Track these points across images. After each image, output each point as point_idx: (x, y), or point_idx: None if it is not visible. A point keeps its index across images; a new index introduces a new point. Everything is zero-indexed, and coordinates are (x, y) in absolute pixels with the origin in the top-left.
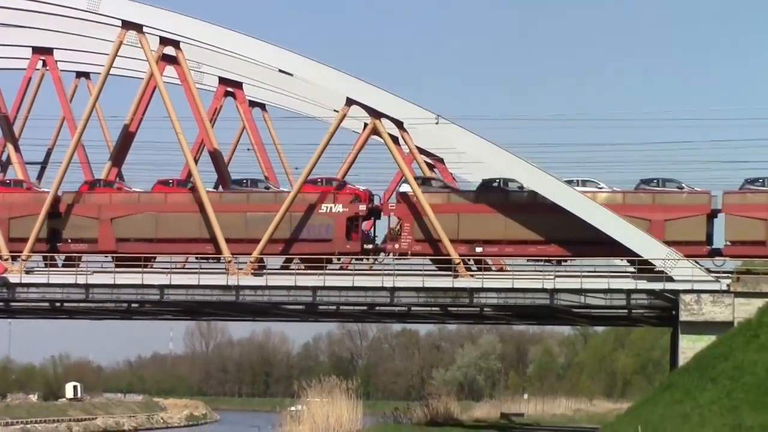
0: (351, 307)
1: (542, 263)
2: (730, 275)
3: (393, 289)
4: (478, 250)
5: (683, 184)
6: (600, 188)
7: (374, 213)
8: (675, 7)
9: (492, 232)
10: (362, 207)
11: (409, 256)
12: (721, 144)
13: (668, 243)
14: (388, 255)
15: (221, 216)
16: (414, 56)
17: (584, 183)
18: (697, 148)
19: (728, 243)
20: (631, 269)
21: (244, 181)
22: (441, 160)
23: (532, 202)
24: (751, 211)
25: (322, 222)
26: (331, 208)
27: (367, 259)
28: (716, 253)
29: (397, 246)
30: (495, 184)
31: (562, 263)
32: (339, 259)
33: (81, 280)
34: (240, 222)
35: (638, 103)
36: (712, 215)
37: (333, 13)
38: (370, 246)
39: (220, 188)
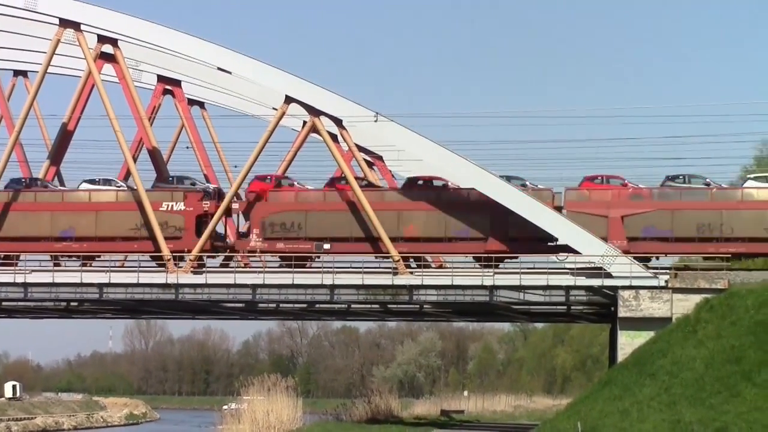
0: (291, 305)
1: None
2: (668, 271)
3: (332, 287)
4: None
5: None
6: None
7: None
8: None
9: None
10: None
11: None
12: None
13: None
14: None
15: None
16: (355, 54)
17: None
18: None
19: None
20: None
21: None
22: (380, 158)
23: None
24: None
25: None
26: None
27: None
28: None
29: None
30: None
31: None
32: None
33: (19, 278)
34: None
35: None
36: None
37: (271, 10)
38: None
39: None
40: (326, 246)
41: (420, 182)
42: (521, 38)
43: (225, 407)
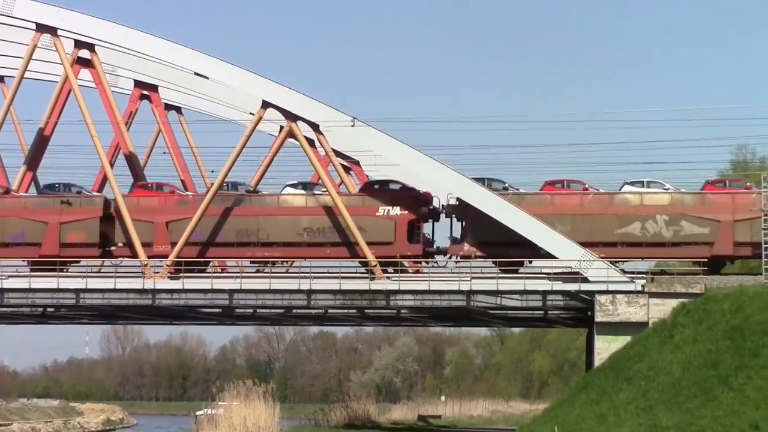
0: (268, 310)
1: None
2: (644, 276)
3: (310, 292)
4: None
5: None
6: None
7: None
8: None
9: None
10: None
11: None
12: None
13: None
14: None
15: None
16: (337, 58)
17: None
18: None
19: None
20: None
21: None
22: (357, 163)
23: None
24: None
25: None
26: None
27: None
28: None
29: None
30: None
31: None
32: None
33: None
34: None
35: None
36: None
37: (249, 14)
38: None
39: None
40: None
41: None
42: (506, 42)
43: (199, 413)
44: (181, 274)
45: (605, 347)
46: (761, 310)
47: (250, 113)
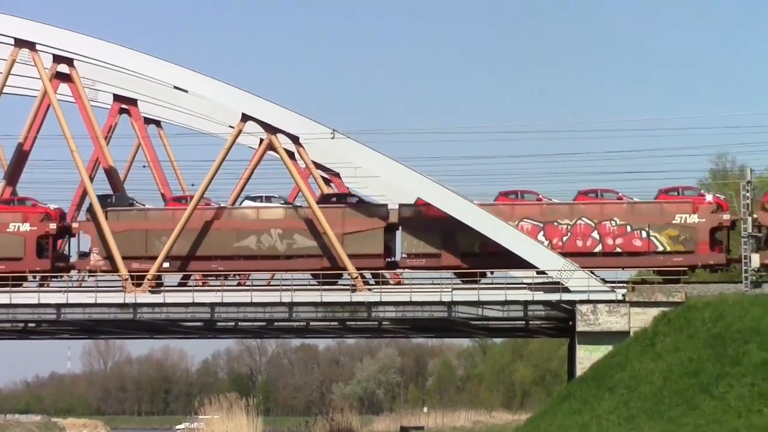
0: (250, 323)
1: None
2: (625, 285)
3: (291, 305)
4: None
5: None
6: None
7: None
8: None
9: None
10: None
11: None
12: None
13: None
14: None
15: None
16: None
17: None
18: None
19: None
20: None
21: None
22: (337, 175)
23: None
24: None
25: None
26: None
27: None
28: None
29: None
30: None
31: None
32: None
33: None
34: None
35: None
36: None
37: (228, 28)
38: None
39: None
40: None
41: None
42: (484, 51)
43: (178, 427)
44: (162, 288)
45: (587, 357)
46: (741, 318)
47: (230, 126)
